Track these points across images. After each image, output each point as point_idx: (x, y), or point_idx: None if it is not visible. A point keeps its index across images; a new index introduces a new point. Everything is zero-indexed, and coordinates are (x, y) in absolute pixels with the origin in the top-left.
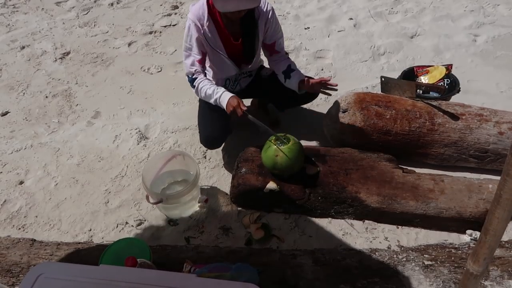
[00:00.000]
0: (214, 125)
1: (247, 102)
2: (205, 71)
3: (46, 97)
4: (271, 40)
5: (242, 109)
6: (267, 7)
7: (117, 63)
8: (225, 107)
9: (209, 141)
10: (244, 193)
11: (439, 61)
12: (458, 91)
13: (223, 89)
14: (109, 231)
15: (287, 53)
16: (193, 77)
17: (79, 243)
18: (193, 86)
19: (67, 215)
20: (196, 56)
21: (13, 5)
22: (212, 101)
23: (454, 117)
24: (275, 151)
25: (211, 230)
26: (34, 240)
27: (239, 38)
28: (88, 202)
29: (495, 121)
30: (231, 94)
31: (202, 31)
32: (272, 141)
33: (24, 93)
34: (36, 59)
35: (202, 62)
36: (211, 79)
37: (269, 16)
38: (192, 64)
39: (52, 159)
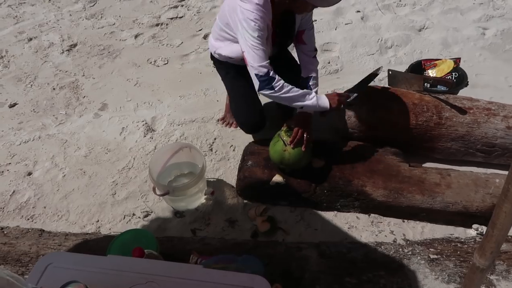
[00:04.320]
0: (254, 110)
1: None
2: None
3: (54, 89)
4: (300, 28)
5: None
6: None
7: (124, 55)
8: (327, 107)
9: (253, 126)
10: (250, 185)
11: (447, 55)
12: (466, 85)
13: (310, 91)
14: (116, 222)
15: (316, 50)
16: (271, 75)
17: (87, 233)
18: (272, 88)
19: (75, 206)
20: (265, 47)
21: None
22: (300, 104)
23: (462, 111)
24: (283, 146)
25: (217, 222)
26: (42, 231)
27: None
28: (95, 194)
29: (503, 116)
30: (323, 96)
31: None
32: (281, 135)
33: (31, 85)
34: (43, 51)
35: None
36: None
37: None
38: (265, 58)
39: (59, 150)
